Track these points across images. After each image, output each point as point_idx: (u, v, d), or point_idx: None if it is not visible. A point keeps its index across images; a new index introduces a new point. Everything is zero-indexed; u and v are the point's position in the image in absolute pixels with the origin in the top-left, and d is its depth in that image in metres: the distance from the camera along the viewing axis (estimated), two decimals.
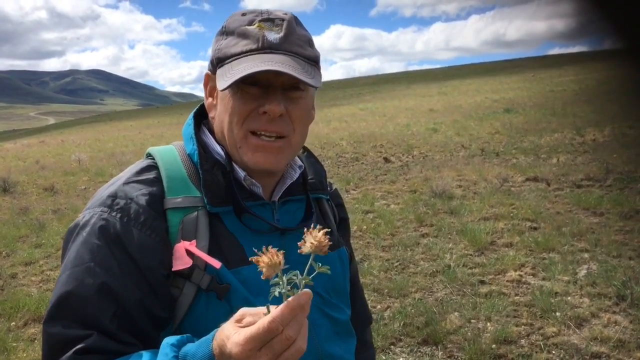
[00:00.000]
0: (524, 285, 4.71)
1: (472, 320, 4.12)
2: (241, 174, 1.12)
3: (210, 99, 1.16)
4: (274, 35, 1.06)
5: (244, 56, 1.05)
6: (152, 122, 57.00)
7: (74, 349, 0.93)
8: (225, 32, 1.11)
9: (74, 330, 0.94)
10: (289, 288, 0.79)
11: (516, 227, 6.29)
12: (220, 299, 1.03)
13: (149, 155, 1.17)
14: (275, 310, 0.78)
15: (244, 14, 1.10)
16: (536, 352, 3.62)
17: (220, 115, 1.11)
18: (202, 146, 1.14)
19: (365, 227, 6.72)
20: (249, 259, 0.81)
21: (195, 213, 1.07)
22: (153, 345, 0.95)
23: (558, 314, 4.07)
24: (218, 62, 1.09)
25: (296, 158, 1.24)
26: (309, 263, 0.81)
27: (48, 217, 8.53)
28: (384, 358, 3.70)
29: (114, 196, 1.06)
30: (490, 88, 39.05)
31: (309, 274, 0.81)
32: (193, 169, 1.11)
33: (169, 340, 0.88)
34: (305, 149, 1.30)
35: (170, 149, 1.17)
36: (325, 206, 1.29)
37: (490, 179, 8.96)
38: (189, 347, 0.85)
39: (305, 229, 0.82)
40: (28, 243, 7.07)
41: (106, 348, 0.94)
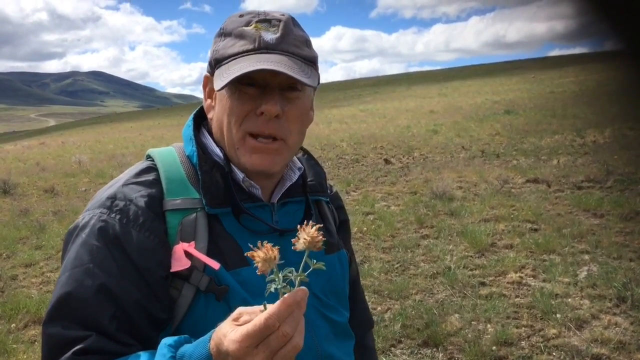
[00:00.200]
0: (525, 287, 4.71)
1: (473, 322, 4.11)
2: (240, 175, 1.12)
3: (209, 101, 1.16)
4: (270, 36, 1.06)
5: (241, 56, 1.05)
6: (153, 124, 57.07)
7: (72, 350, 0.93)
8: (223, 34, 1.11)
9: (73, 331, 0.94)
10: (285, 285, 0.79)
11: (516, 229, 6.28)
12: (218, 300, 1.03)
13: (149, 157, 1.17)
14: (271, 307, 0.78)
15: (241, 16, 1.11)
16: (537, 354, 3.62)
17: (219, 116, 1.11)
18: (201, 147, 1.14)
19: (365, 229, 6.72)
20: (245, 254, 0.81)
21: (194, 214, 1.07)
22: (152, 346, 0.95)
23: (558, 315, 4.07)
24: (216, 63, 1.10)
25: (296, 160, 1.24)
26: (303, 260, 0.81)
27: (48, 219, 8.53)
28: None
29: (113, 198, 1.06)
30: (491, 89, 39.08)
31: (304, 270, 0.81)
32: (192, 170, 1.11)
33: (166, 341, 0.88)
34: (305, 151, 1.30)
35: (170, 150, 1.17)
36: (324, 208, 1.29)
37: (490, 181, 8.96)
38: (186, 348, 0.85)
39: (298, 226, 0.82)
40: (28, 245, 7.07)
41: (105, 349, 0.94)
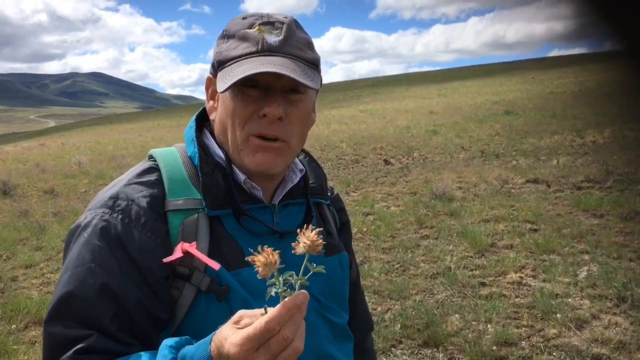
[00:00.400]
0: (525, 287, 4.71)
1: (473, 322, 4.11)
2: (241, 177, 1.12)
3: (211, 102, 1.17)
4: (273, 38, 1.06)
5: (244, 59, 1.05)
6: (152, 125, 57.07)
7: (74, 349, 0.93)
8: (226, 36, 1.12)
9: (74, 331, 0.95)
10: (285, 288, 0.80)
11: (516, 229, 6.28)
12: (219, 300, 1.03)
13: (151, 157, 1.18)
14: (272, 310, 0.78)
15: (244, 18, 1.11)
16: (537, 354, 3.62)
17: (221, 117, 1.12)
18: (203, 149, 1.14)
19: (365, 229, 6.72)
20: (246, 258, 0.81)
21: (196, 215, 1.07)
22: (153, 346, 0.95)
23: (559, 315, 4.07)
24: (219, 65, 1.10)
25: (297, 162, 1.24)
26: (303, 264, 0.81)
27: (48, 220, 8.53)
28: None
29: (115, 197, 1.06)
30: (490, 90, 39.08)
31: (304, 274, 0.81)
32: (194, 171, 1.12)
33: (167, 342, 0.88)
34: (306, 154, 1.30)
35: (172, 151, 1.18)
36: (325, 210, 1.30)
37: (490, 181, 8.96)
38: (188, 349, 0.86)
39: (298, 230, 0.83)
40: (28, 246, 7.06)
41: (106, 348, 0.94)
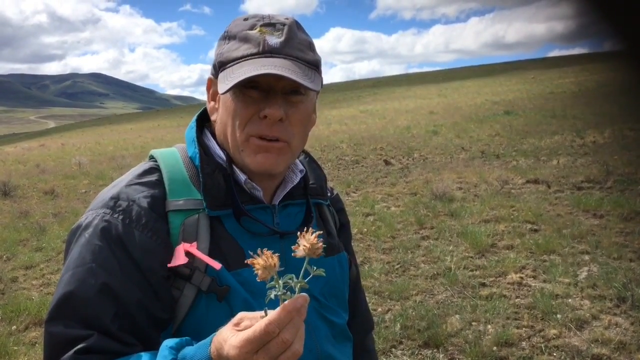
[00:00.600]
0: (525, 288, 4.71)
1: (473, 323, 4.11)
2: (242, 177, 1.12)
3: (212, 103, 1.17)
4: (274, 40, 1.06)
5: (245, 60, 1.05)
6: (153, 125, 57.11)
7: (74, 349, 0.93)
8: (227, 37, 1.12)
9: (75, 330, 0.95)
10: (285, 291, 0.80)
11: (517, 230, 6.28)
12: (220, 300, 1.03)
13: (152, 158, 1.18)
14: (272, 313, 0.78)
15: (246, 19, 1.11)
16: (537, 355, 3.62)
17: (222, 118, 1.12)
18: (204, 149, 1.14)
19: (365, 230, 6.72)
20: (245, 261, 0.82)
21: (197, 215, 1.07)
22: (153, 346, 0.95)
23: (559, 316, 4.07)
24: (220, 66, 1.10)
25: (297, 162, 1.25)
26: (303, 266, 0.82)
27: (48, 221, 8.53)
28: None
29: (116, 198, 1.06)
30: (490, 90, 39.09)
31: (304, 277, 0.81)
32: (195, 171, 1.12)
33: (168, 342, 0.88)
34: (307, 154, 1.30)
35: (173, 151, 1.18)
36: (325, 211, 1.30)
37: (490, 181, 8.96)
38: (188, 350, 0.86)
39: (298, 233, 0.83)
40: (29, 247, 7.06)
41: (107, 348, 0.94)
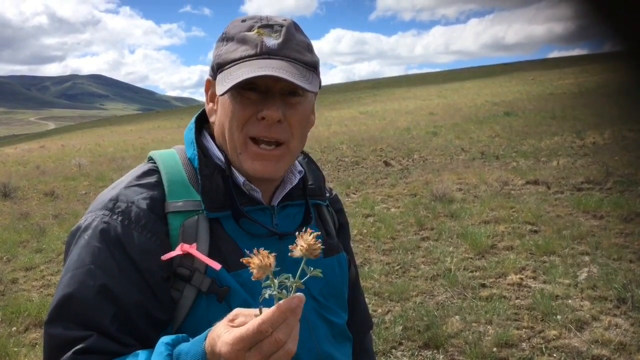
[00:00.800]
0: (525, 289, 4.71)
1: (473, 324, 4.11)
2: (240, 179, 1.12)
3: (211, 104, 1.17)
4: (272, 41, 1.06)
5: (243, 62, 1.05)
6: (153, 127, 57.13)
7: (73, 350, 0.94)
8: (225, 38, 1.12)
9: (74, 332, 0.95)
10: (280, 291, 0.80)
11: (516, 231, 6.28)
12: (220, 301, 1.04)
13: (151, 159, 1.18)
14: (266, 312, 0.78)
15: (244, 20, 1.11)
16: (537, 355, 3.62)
17: (221, 120, 1.12)
18: (203, 151, 1.14)
19: (365, 231, 6.72)
20: (241, 260, 0.82)
21: (196, 217, 1.07)
22: (152, 346, 0.96)
23: (559, 317, 4.07)
24: (218, 68, 1.10)
25: (296, 163, 1.25)
26: (301, 266, 0.81)
27: (49, 222, 8.53)
28: None
29: (115, 200, 1.07)
30: (490, 91, 39.13)
31: (301, 277, 0.81)
32: (193, 173, 1.12)
33: (164, 339, 0.89)
34: (305, 155, 1.30)
35: (172, 153, 1.18)
36: (324, 211, 1.30)
37: (490, 183, 8.96)
38: (183, 346, 0.87)
39: (297, 233, 0.83)
40: (29, 248, 7.06)
41: (105, 348, 0.95)
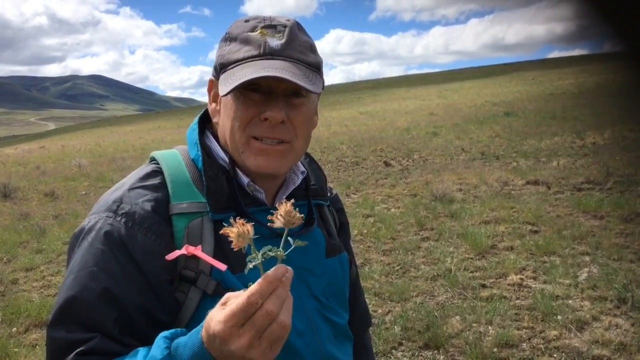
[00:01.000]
0: (525, 289, 4.71)
1: (474, 324, 4.11)
2: (244, 180, 1.12)
3: (214, 105, 1.17)
4: (275, 42, 1.06)
5: (246, 62, 1.05)
6: (153, 127, 57.12)
7: (75, 352, 0.94)
8: (228, 39, 1.12)
9: (77, 334, 0.95)
10: (263, 260, 0.79)
11: (517, 231, 6.28)
12: None
13: (153, 160, 1.18)
14: (253, 285, 0.78)
15: (247, 21, 1.11)
16: (538, 356, 3.62)
17: (223, 120, 1.12)
18: (206, 151, 1.14)
19: (365, 231, 6.72)
20: (219, 232, 0.82)
21: (201, 218, 1.07)
22: None
23: (559, 317, 4.07)
24: (221, 68, 1.10)
25: (299, 163, 1.25)
26: (283, 237, 0.81)
27: (49, 223, 8.52)
28: None
29: (119, 201, 1.06)
30: (490, 91, 39.12)
31: (285, 249, 0.81)
32: (197, 174, 1.12)
33: (163, 333, 0.89)
34: (307, 155, 1.31)
35: (174, 153, 1.17)
36: (325, 212, 1.30)
37: (490, 183, 8.96)
38: (181, 339, 0.87)
39: (277, 204, 0.82)
40: (29, 249, 7.06)
41: (107, 350, 0.95)
